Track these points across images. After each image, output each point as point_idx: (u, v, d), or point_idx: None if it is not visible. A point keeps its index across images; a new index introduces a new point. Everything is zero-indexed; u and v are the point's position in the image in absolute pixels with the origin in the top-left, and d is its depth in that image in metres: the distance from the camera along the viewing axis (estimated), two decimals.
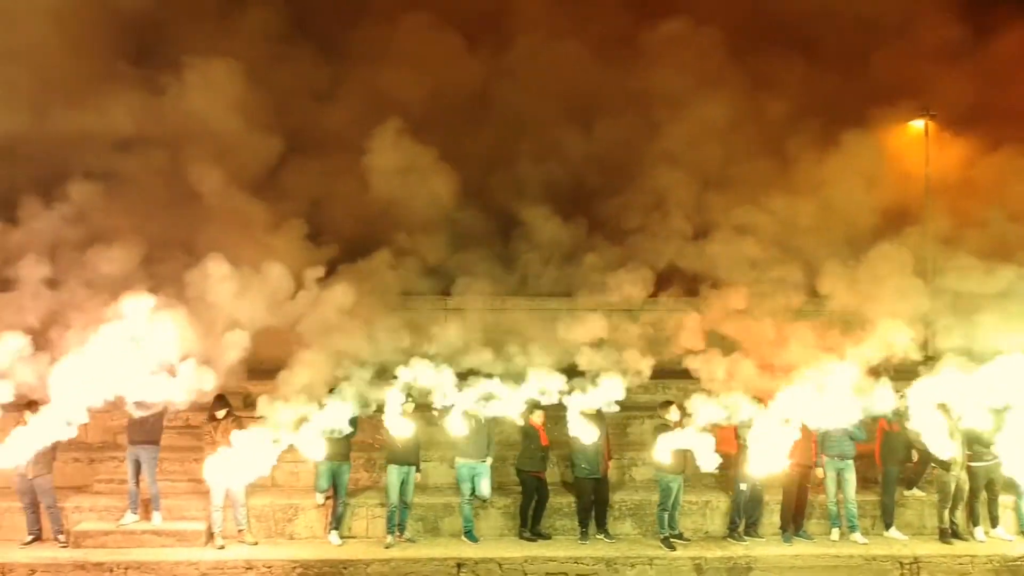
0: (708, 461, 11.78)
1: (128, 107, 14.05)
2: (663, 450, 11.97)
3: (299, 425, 11.62)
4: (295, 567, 11.84)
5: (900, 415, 12.51)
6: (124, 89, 14.22)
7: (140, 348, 11.25)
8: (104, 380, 11.20)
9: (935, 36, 16.81)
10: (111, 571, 11.69)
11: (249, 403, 13.66)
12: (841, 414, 11.94)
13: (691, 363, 12.39)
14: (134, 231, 12.64)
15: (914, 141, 17.12)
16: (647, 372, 12.31)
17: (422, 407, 12.33)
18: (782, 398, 11.89)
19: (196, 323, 11.56)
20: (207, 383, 11.57)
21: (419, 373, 11.72)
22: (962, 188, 16.04)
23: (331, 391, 12.02)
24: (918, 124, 17.13)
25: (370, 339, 12.14)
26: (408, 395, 12.01)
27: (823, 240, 14.24)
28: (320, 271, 12.49)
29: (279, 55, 15.78)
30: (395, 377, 11.87)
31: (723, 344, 12.66)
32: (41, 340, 11.74)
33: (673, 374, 13.50)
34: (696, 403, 12.08)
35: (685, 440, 11.96)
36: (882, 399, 12.03)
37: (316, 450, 11.80)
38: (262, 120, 14.50)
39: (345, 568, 11.90)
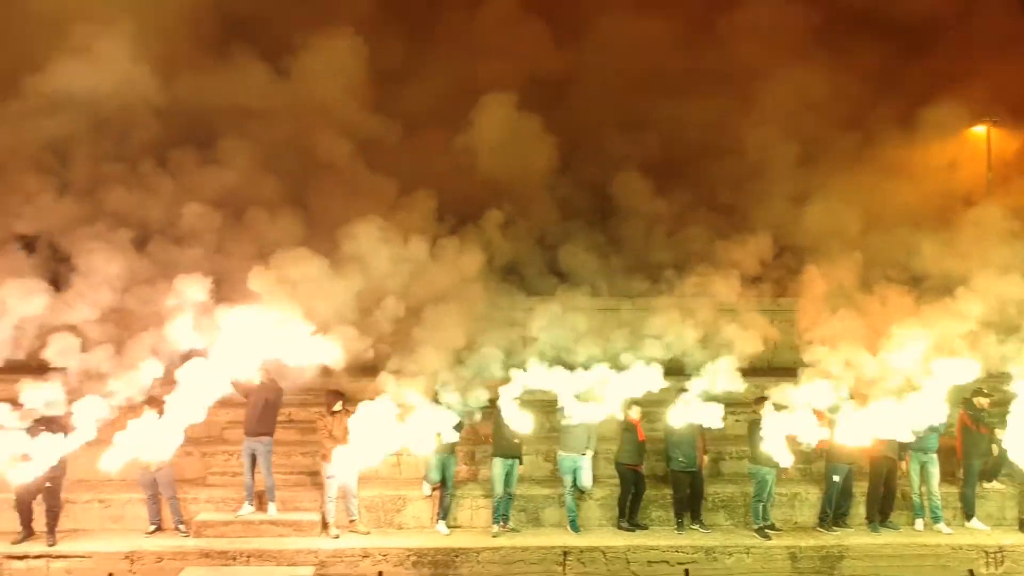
0: (812, 438, 12.44)
1: (250, 81, 14.56)
2: (769, 442, 12.52)
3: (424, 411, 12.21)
4: (408, 555, 12.39)
5: (981, 418, 13.12)
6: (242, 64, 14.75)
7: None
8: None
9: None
10: (234, 559, 12.23)
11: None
12: (932, 411, 12.51)
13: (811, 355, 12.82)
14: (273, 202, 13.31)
15: (976, 146, 17.65)
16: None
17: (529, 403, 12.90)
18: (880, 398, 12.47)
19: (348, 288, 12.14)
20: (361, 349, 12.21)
21: (533, 369, 12.27)
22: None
23: (438, 391, 12.63)
24: (979, 130, 17.67)
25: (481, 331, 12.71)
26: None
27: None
28: (456, 242, 13.08)
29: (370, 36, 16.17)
30: (510, 373, 12.46)
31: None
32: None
33: (760, 371, 14.01)
34: (791, 396, 12.66)
35: (788, 428, 12.53)
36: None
37: (430, 444, 12.36)
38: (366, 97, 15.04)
39: (456, 556, 12.45)
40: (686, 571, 10.78)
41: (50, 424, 12.01)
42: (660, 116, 16.54)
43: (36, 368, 12.27)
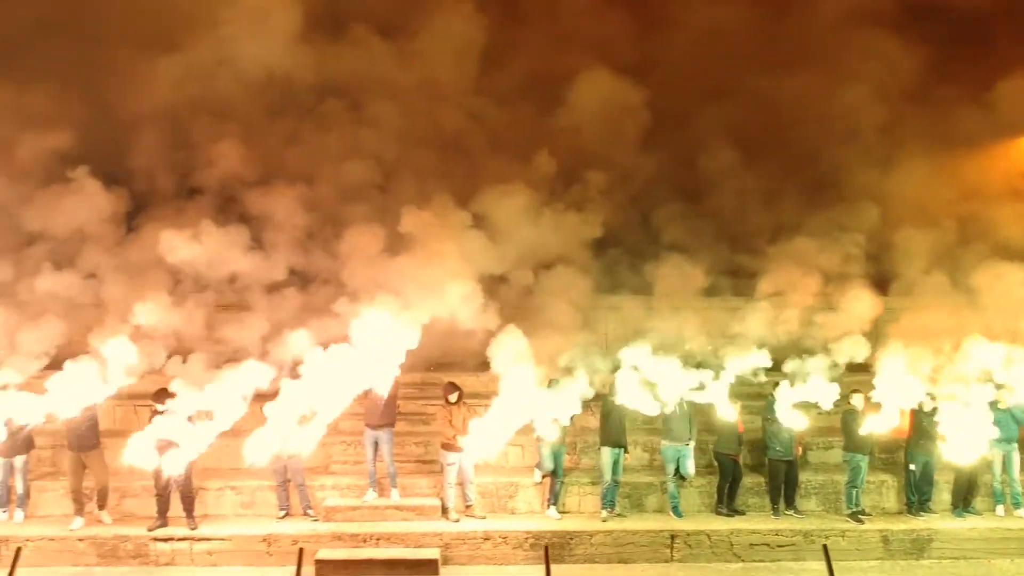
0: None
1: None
2: (858, 430, 13.38)
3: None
4: (527, 537, 13.20)
5: None
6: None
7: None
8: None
9: None
10: (364, 541, 13.05)
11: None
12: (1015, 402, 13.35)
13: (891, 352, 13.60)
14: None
15: None
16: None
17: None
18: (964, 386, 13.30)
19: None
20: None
21: (645, 363, 13.11)
22: None
23: (550, 384, 13.45)
24: None
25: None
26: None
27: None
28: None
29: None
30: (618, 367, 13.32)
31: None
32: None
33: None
34: (878, 390, 13.51)
35: (875, 422, 13.38)
36: None
37: (551, 431, 13.19)
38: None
39: (571, 538, 13.26)
40: (824, 547, 11.52)
41: (192, 415, 12.86)
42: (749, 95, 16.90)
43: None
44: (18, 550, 11.49)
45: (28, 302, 13.29)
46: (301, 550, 11.76)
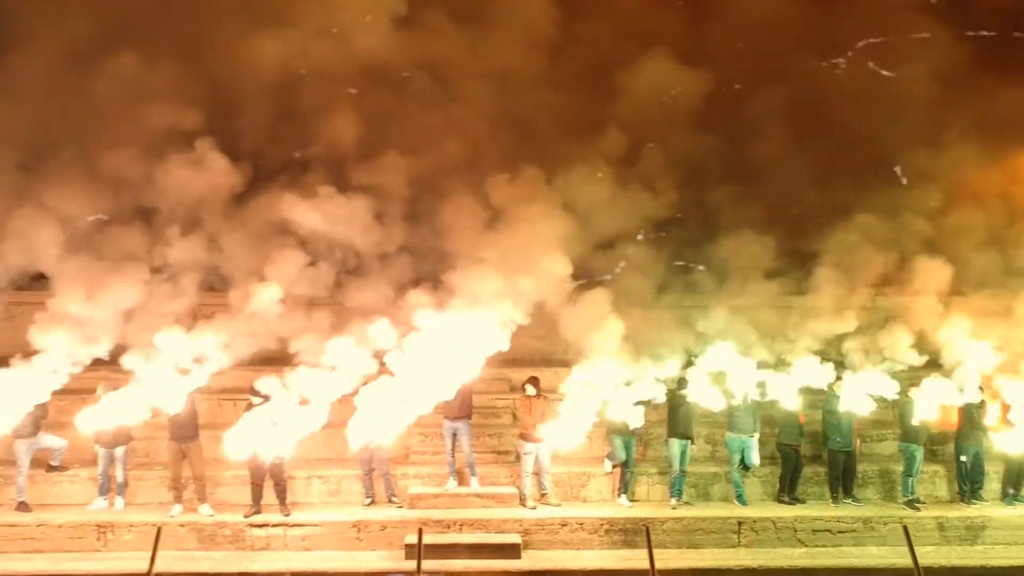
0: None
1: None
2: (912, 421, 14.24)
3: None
4: (602, 524, 13.93)
5: None
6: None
7: None
8: None
9: None
10: (448, 527, 13.77)
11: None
12: None
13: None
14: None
15: None
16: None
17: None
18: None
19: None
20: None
21: (720, 359, 13.88)
22: None
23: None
24: None
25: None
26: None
27: None
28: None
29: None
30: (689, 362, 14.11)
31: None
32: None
33: None
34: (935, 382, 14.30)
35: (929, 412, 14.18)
36: None
37: (636, 419, 13.93)
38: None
39: (644, 525, 14.00)
40: (905, 527, 12.20)
41: (288, 406, 13.59)
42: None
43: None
44: (158, 531, 12.16)
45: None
46: (420, 532, 12.08)
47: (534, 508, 14.16)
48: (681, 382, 14.32)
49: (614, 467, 14.64)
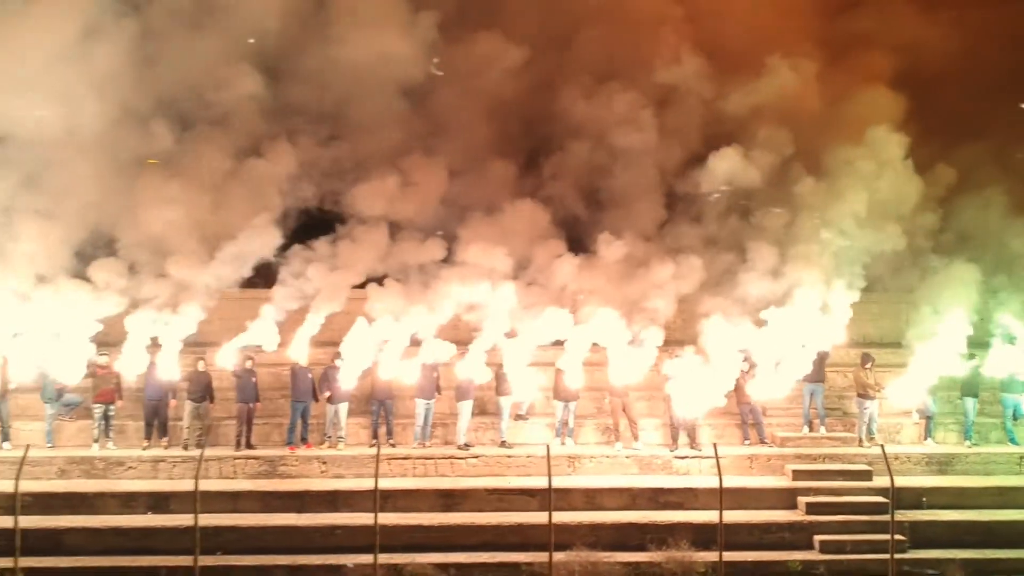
0: None
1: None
2: None
3: None
4: (923, 458, 19.48)
5: None
6: None
7: None
8: None
9: None
10: (814, 460, 19.28)
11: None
12: None
13: None
14: None
15: None
16: None
17: None
18: None
19: None
20: None
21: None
22: None
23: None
24: None
25: None
26: None
27: None
28: None
29: None
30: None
31: None
32: None
33: None
34: None
35: None
36: None
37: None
38: None
39: (952, 458, 19.50)
40: None
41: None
42: None
43: None
44: None
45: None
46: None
47: (868, 446, 19.67)
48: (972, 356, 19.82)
49: (921, 419, 20.16)
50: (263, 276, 20.05)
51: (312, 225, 19.99)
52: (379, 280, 19.47)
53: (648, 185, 20.67)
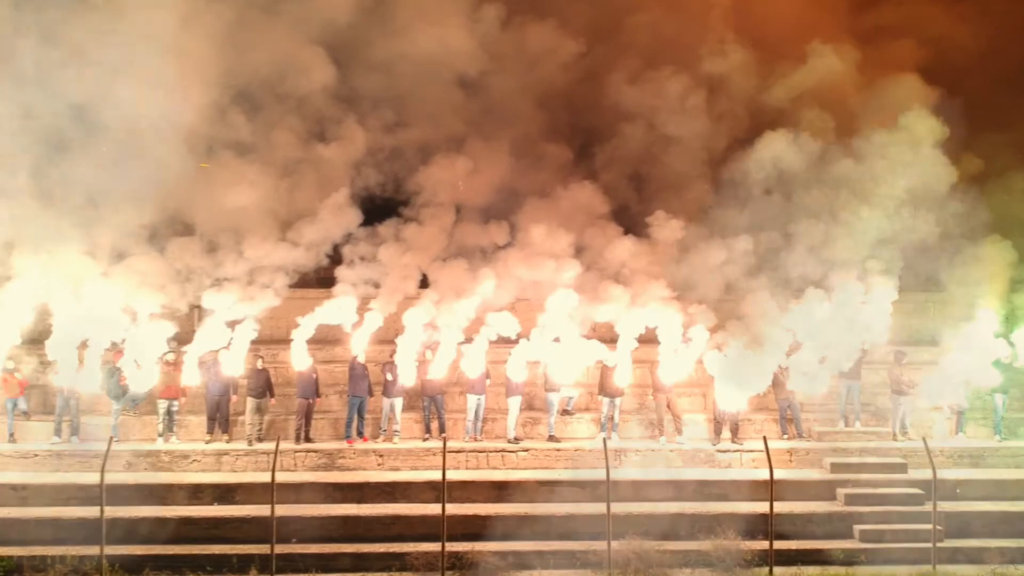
0: None
1: None
2: None
3: None
4: (955, 451, 20.22)
5: None
6: None
7: None
8: None
9: None
10: (849, 453, 20.11)
11: None
12: None
13: None
14: None
15: None
16: None
17: None
18: None
19: None
20: None
21: None
22: None
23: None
24: None
25: None
26: None
27: None
28: None
29: None
30: None
31: None
32: None
33: None
34: None
35: None
36: None
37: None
38: None
39: (984, 452, 20.26)
40: None
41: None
42: None
43: None
44: None
45: None
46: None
47: (901, 440, 20.43)
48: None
49: (954, 413, 20.91)
50: (316, 276, 20.75)
51: (371, 212, 20.59)
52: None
53: (694, 170, 21.55)
